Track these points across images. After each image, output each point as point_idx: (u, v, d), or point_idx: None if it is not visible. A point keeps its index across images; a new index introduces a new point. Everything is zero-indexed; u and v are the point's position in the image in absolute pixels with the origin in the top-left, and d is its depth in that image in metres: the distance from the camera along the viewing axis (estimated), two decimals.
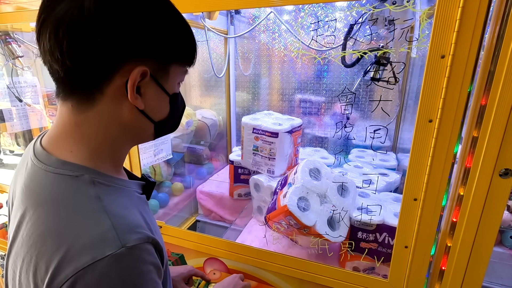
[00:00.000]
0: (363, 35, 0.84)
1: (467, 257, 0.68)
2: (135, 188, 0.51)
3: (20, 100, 1.53)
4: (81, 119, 0.44)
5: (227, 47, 1.70)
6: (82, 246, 0.37)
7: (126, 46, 0.41)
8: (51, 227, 0.40)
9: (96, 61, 0.40)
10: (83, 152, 0.45)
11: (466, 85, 0.59)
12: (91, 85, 0.42)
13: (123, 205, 0.44)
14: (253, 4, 0.76)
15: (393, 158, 1.44)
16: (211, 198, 1.57)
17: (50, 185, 0.42)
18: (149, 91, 0.46)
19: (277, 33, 1.60)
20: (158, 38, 0.43)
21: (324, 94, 1.59)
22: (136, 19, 0.40)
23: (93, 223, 0.39)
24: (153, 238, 0.42)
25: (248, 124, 1.27)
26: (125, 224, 0.41)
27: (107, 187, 0.44)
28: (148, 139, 0.53)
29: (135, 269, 0.39)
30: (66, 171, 0.43)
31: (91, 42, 0.39)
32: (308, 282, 0.90)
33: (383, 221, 0.91)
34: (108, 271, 0.37)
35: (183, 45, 0.48)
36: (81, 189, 0.42)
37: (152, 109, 0.47)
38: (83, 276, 0.36)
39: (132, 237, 0.40)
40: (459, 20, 0.56)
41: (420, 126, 0.65)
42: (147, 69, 0.43)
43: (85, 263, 0.36)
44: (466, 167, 0.64)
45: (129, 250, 0.38)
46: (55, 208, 0.41)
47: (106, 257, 0.37)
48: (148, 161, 1.17)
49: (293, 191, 0.92)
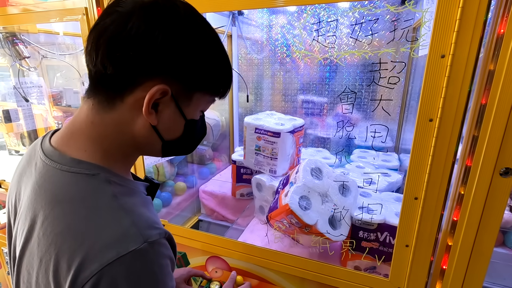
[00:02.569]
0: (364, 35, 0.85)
1: (468, 256, 0.68)
2: (142, 189, 0.53)
3: (26, 100, 1.56)
4: (98, 119, 0.46)
5: (231, 48, 1.71)
6: (106, 243, 0.38)
7: (153, 64, 0.43)
8: (72, 225, 0.40)
9: (123, 71, 0.43)
10: (98, 152, 0.46)
11: (466, 84, 0.59)
12: (115, 91, 0.44)
13: (136, 203, 0.46)
14: (256, 5, 0.77)
15: (395, 158, 1.44)
16: (214, 198, 1.58)
17: (67, 184, 0.43)
18: (167, 110, 0.47)
19: (280, 34, 1.61)
20: (187, 65, 0.44)
21: (327, 94, 1.60)
22: (168, 44, 0.42)
23: (114, 221, 0.40)
24: (169, 233, 0.45)
25: (250, 124, 1.28)
26: (144, 221, 0.42)
27: (120, 187, 0.46)
28: (155, 154, 0.53)
29: (156, 263, 0.41)
30: (83, 170, 0.44)
31: (123, 54, 0.41)
32: (310, 280, 0.91)
33: (384, 220, 0.91)
34: (133, 266, 0.38)
35: (213, 77, 0.48)
36: (99, 187, 0.43)
37: (165, 128, 0.48)
38: (108, 272, 0.37)
39: (152, 232, 0.41)
40: (459, 20, 0.56)
41: (420, 125, 0.65)
42: (168, 89, 0.44)
43: (110, 259, 0.37)
44: (466, 166, 0.64)
45: (150, 244, 0.40)
46: (74, 207, 0.41)
47: (130, 252, 0.38)
48: (152, 161, 1.18)
49: (294, 190, 0.93)
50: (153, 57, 0.42)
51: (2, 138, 2.09)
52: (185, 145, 0.55)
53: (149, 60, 0.42)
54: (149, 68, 0.43)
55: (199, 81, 0.47)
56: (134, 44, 0.41)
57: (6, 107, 1.81)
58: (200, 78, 0.47)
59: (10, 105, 1.82)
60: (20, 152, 2.02)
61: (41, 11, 1.05)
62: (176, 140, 0.51)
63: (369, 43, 0.78)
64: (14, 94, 1.70)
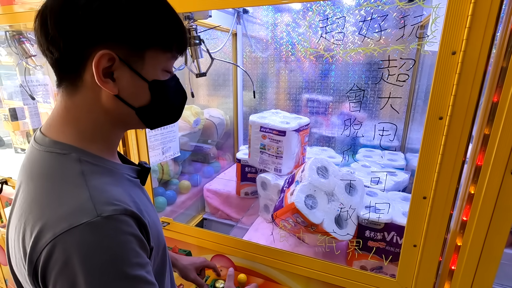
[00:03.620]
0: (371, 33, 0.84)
1: (477, 257, 0.67)
2: (127, 171, 0.55)
3: (33, 98, 1.57)
4: (70, 103, 0.48)
5: (236, 46, 1.70)
6: (62, 214, 0.41)
7: (92, 32, 0.43)
8: (37, 197, 0.44)
9: (68, 50, 0.44)
10: (73, 134, 0.49)
11: (478, 82, 0.58)
12: (72, 72, 0.46)
13: (107, 182, 0.47)
14: (261, 2, 0.76)
15: (401, 157, 1.43)
16: (218, 196, 1.58)
17: (41, 162, 0.47)
18: (123, 76, 0.47)
19: (285, 32, 1.60)
20: (126, 24, 0.44)
21: (332, 93, 1.59)
22: (99, 7, 0.42)
23: (73, 195, 0.43)
24: (132, 211, 0.45)
25: (255, 123, 1.27)
26: (103, 197, 0.44)
27: (93, 166, 0.48)
28: (137, 126, 0.54)
29: (112, 238, 0.41)
30: (56, 149, 0.47)
31: (59, 32, 0.43)
32: (315, 280, 0.90)
33: (391, 220, 0.90)
34: (85, 238, 0.40)
35: (159, 30, 0.47)
36: (67, 165, 0.46)
37: (129, 95, 0.49)
38: (61, 242, 0.40)
39: (108, 208, 0.42)
40: (470, 16, 0.55)
41: (430, 124, 0.64)
42: (112, 54, 0.44)
43: (63, 229, 0.40)
44: (477, 165, 0.63)
45: (104, 219, 0.41)
46: (42, 181, 0.45)
47: (81, 224, 0.40)
48: (156, 159, 1.18)
49: (300, 189, 0.92)
50: (90, 26, 0.43)
51: (8, 136, 2.11)
52: (164, 110, 0.54)
53: (86, 30, 0.43)
54: (89, 38, 0.43)
55: (143, 38, 0.46)
56: (63, 18, 0.42)
57: (13, 105, 1.83)
58: (143, 35, 0.46)
59: (17, 103, 1.83)
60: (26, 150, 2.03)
61: None
62: (149, 105, 0.51)
63: (377, 41, 0.77)
64: (21, 92, 1.71)
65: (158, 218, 0.59)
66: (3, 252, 1.64)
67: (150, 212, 0.54)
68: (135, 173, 0.57)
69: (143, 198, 0.55)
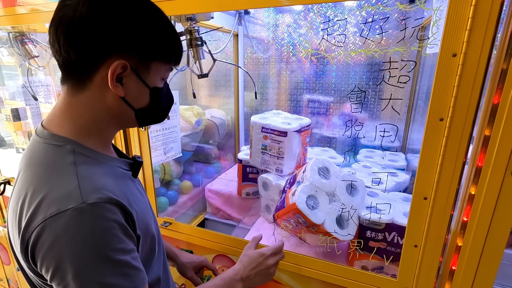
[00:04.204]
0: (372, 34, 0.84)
1: (478, 257, 0.67)
2: (120, 164, 0.60)
3: (35, 98, 1.57)
4: (74, 100, 0.54)
5: (237, 47, 1.71)
6: (52, 200, 0.46)
7: (109, 43, 0.49)
8: (33, 183, 0.49)
9: (85, 54, 0.49)
10: (71, 128, 0.54)
11: (478, 83, 0.59)
12: (82, 73, 0.51)
13: (97, 172, 0.52)
14: (262, 4, 0.77)
15: (402, 158, 1.43)
16: (220, 197, 1.58)
17: (39, 152, 0.52)
18: (130, 82, 0.54)
19: (286, 33, 1.61)
20: (139, 38, 0.51)
21: (333, 94, 1.59)
22: (118, 23, 0.49)
23: (64, 183, 0.48)
24: (117, 200, 0.49)
25: (257, 123, 1.28)
26: (90, 186, 0.48)
27: (85, 157, 0.53)
28: (132, 124, 0.60)
29: (96, 224, 0.46)
30: (53, 141, 0.52)
31: (81, 39, 0.48)
32: (316, 280, 0.91)
33: (392, 220, 0.90)
34: (71, 222, 0.44)
35: (163, 46, 0.55)
36: (61, 155, 0.51)
37: (132, 98, 0.55)
38: (49, 224, 0.45)
39: (93, 196, 0.47)
40: (471, 18, 0.56)
41: (430, 125, 0.65)
42: (126, 63, 0.51)
43: (52, 213, 0.45)
44: (477, 166, 0.63)
45: (89, 206, 0.46)
46: (38, 169, 0.51)
47: (68, 209, 0.45)
48: (158, 159, 1.19)
49: (302, 189, 0.93)
50: (107, 37, 0.49)
51: (10, 137, 2.12)
52: (156, 112, 0.61)
53: (104, 40, 0.49)
54: (106, 48, 0.49)
55: (152, 51, 0.53)
56: (87, 28, 0.48)
57: (15, 105, 1.84)
58: (152, 49, 0.53)
59: (19, 104, 1.84)
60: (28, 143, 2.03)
61: (49, 11, 1.06)
62: (147, 108, 0.58)
63: (378, 42, 0.78)
64: (23, 93, 1.72)
65: (148, 210, 0.64)
66: (5, 251, 1.64)
67: (140, 203, 0.58)
68: (128, 166, 0.63)
69: (134, 190, 0.60)
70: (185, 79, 1.71)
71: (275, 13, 1.61)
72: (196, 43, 1.06)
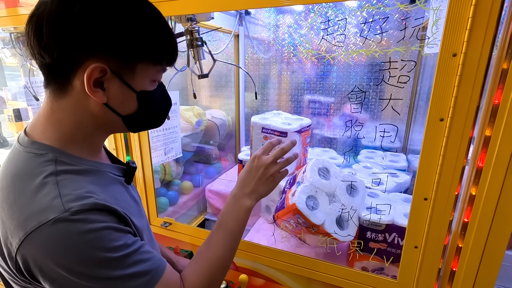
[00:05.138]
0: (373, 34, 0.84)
1: (479, 258, 0.67)
2: (111, 170, 0.56)
3: (37, 99, 1.58)
4: (56, 105, 0.49)
5: (238, 47, 1.71)
6: (31, 213, 0.42)
7: (83, 44, 0.44)
8: (9, 196, 0.45)
9: (58, 56, 0.44)
10: (55, 135, 0.50)
11: (479, 83, 0.58)
12: (62, 77, 0.47)
13: (81, 180, 0.48)
14: (262, 4, 0.76)
15: (403, 159, 1.43)
16: (220, 197, 1.58)
17: (18, 161, 0.48)
18: (113, 86, 0.48)
19: (287, 34, 1.61)
20: (119, 38, 0.45)
21: (334, 94, 1.59)
22: (92, 20, 0.43)
23: (42, 194, 0.44)
24: (104, 205, 0.46)
25: (257, 124, 1.28)
26: (72, 194, 0.44)
27: (69, 166, 0.49)
28: (122, 130, 0.55)
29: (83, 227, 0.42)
30: (33, 150, 0.48)
31: (52, 39, 0.43)
32: (316, 281, 0.90)
33: (393, 221, 0.90)
34: (55, 232, 0.41)
35: (150, 44, 0.48)
36: (41, 165, 0.47)
37: (117, 104, 0.50)
38: (32, 239, 0.41)
39: (76, 203, 0.43)
40: (471, 18, 0.55)
41: (431, 125, 0.64)
42: (104, 66, 0.45)
43: (33, 227, 0.41)
44: (478, 167, 0.63)
45: (72, 214, 0.42)
46: (15, 180, 0.46)
47: (50, 220, 0.41)
48: (159, 160, 1.19)
49: (302, 189, 0.93)
50: (80, 36, 0.43)
51: (12, 137, 2.13)
52: (149, 118, 0.56)
53: (76, 40, 0.44)
54: (79, 48, 0.44)
55: (135, 52, 0.47)
56: (57, 27, 0.43)
57: (17, 106, 1.84)
58: (135, 49, 0.47)
59: (21, 104, 1.85)
60: None
61: None
62: (136, 114, 0.52)
63: (378, 42, 0.78)
64: (25, 93, 1.73)
65: (142, 218, 0.60)
66: None
67: (132, 210, 0.55)
68: (120, 171, 0.59)
69: (125, 196, 0.57)
70: (186, 79, 1.71)
71: (276, 14, 1.61)
72: (197, 44, 1.06)
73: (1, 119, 2.03)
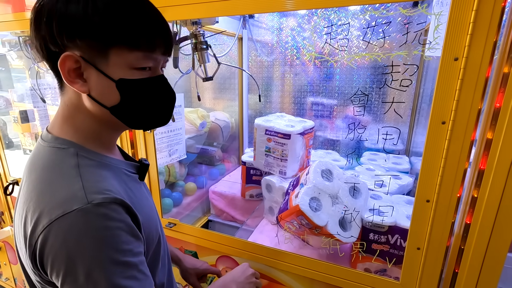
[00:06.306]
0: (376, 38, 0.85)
1: (480, 260, 0.67)
2: (126, 167, 0.58)
3: (44, 100, 1.60)
4: (63, 102, 0.53)
5: (241, 50, 1.73)
6: (57, 202, 0.45)
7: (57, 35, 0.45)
8: (37, 187, 0.48)
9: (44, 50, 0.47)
10: (70, 130, 0.53)
11: (480, 87, 0.59)
12: (55, 72, 0.50)
13: (100, 174, 0.50)
14: (266, 9, 0.78)
15: (406, 161, 1.43)
16: (223, 199, 1.59)
17: (43, 156, 0.51)
18: (91, 76, 0.48)
19: (290, 37, 1.62)
20: (88, 23, 0.44)
21: (336, 97, 1.60)
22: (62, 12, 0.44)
23: (68, 185, 0.47)
24: (122, 200, 0.47)
25: (261, 126, 1.29)
26: (94, 187, 0.47)
27: (89, 160, 0.51)
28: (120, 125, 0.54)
29: (103, 224, 0.44)
30: (57, 144, 0.51)
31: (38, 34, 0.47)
32: (319, 282, 0.91)
33: (395, 222, 0.91)
34: (76, 223, 0.43)
35: (121, 28, 0.46)
36: (64, 158, 0.50)
37: (99, 95, 0.50)
38: (55, 227, 0.43)
39: (98, 196, 0.46)
40: (472, 23, 0.56)
41: (433, 128, 0.65)
42: (72, 55, 0.46)
43: (57, 215, 0.43)
44: (480, 169, 0.64)
45: (94, 206, 0.44)
46: (42, 173, 0.49)
47: (73, 210, 0.44)
48: (163, 161, 1.20)
49: (305, 191, 0.94)
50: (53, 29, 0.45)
51: (17, 138, 2.15)
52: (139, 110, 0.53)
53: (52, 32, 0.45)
54: (57, 42, 0.46)
55: (105, 36, 0.46)
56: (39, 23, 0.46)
57: (23, 108, 1.87)
58: (105, 34, 0.45)
59: (27, 106, 1.87)
60: None
61: None
62: (119, 104, 0.51)
63: (381, 46, 0.79)
64: (31, 95, 1.75)
65: (153, 215, 0.61)
66: (13, 251, 1.67)
67: (145, 207, 0.57)
68: (134, 168, 0.60)
69: (140, 193, 0.58)
70: (190, 82, 1.73)
71: (279, 17, 1.62)
72: (201, 47, 1.07)
73: (7, 121, 2.06)
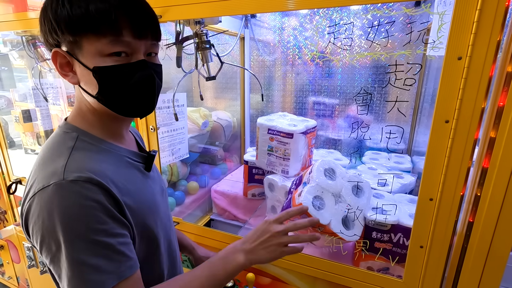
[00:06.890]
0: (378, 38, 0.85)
1: (483, 258, 0.67)
2: (128, 155, 0.61)
3: (46, 100, 1.61)
4: (75, 92, 0.59)
5: (243, 50, 1.73)
6: (42, 177, 0.50)
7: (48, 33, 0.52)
8: (37, 163, 0.55)
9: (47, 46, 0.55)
10: (79, 118, 0.59)
11: (483, 86, 0.60)
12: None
13: (94, 158, 0.54)
14: (268, 8, 0.78)
15: (408, 160, 1.43)
16: (225, 198, 1.60)
17: (52, 138, 0.58)
18: (77, 68, 0.54)
19: (292, 36, 1.63)
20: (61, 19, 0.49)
21: (339, 96, 1.60)
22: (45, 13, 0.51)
23: (55, 162, 0.51)
24: (99, 181, 0.50)
25: (263, 125, 1.29)
26: (76, 166, 0.51)
27: (88, 144, 0.56)
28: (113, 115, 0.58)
29: (74, 200, 0.48)
30: (65, 129, 0.58)
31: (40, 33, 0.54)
32: (322, 280, 0.92)
33: (398, 221, 0.91)
34: (51, 196, 0.48)
35: (84, 16, 0.48)
36: (65, 140, 0.55)
37: (84, 84, 0.55)
38: (37, 198, 0.49)
39: (74, 174, 0.49)
40: (476, 22, 0.57)
41: (436, 127, 0.65)
42: (58, 50, 0.52)
43: (39, 188, 0.49)
44: (483, 168, 0.64)
45: (69, 183, 0.48)
46: (44, 151, 0.56)
47: (50, 185, 0.48)
48: (166, 160, 1.21)
49: (308, 190, 0.94)
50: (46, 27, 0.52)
51: (18, 138, 2.16)
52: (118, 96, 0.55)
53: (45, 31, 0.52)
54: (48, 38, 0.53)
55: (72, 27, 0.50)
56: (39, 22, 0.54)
57: (25, 107, 1.88)
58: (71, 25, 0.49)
59: (29, 105, 1.88)
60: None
61: None
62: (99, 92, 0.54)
63: (384, 46, 0.79)
64: (33, 94, 1.76)
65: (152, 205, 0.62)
66: (16, 250, 1.68)
67: (142, 195, 0.59)
68: (139, 158, 0.64)
69: (141, 182, 0.61)
70: (192, 81, 1.73)
71: (281, 17, 1.62)
72: (205, 46, 1.08)
73: (9, 120, 2.07)
